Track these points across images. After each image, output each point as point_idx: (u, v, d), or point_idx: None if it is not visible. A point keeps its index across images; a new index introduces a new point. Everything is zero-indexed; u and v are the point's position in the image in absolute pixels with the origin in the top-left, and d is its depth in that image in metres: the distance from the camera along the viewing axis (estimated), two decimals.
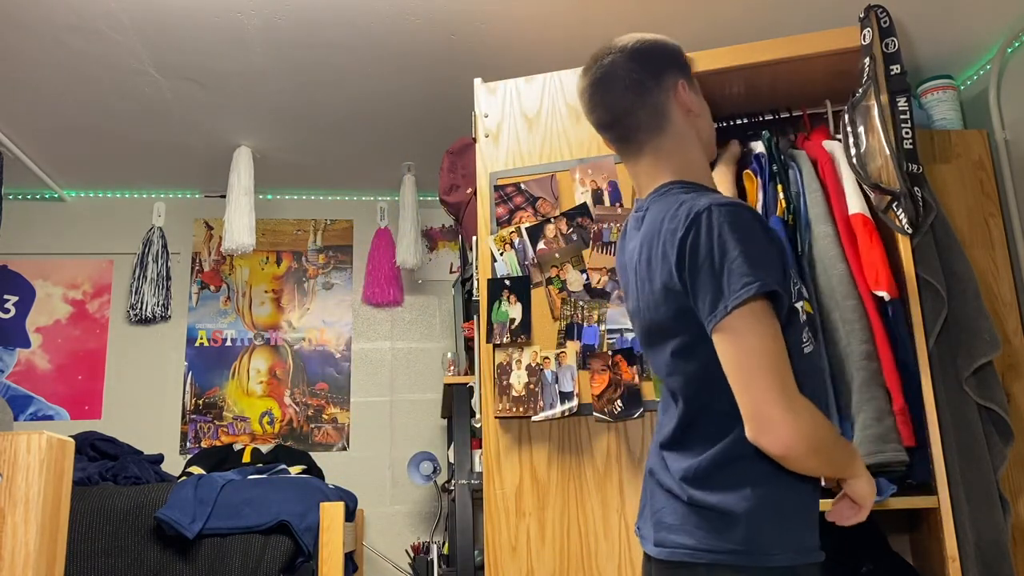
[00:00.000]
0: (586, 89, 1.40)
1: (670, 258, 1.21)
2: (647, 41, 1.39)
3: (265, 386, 3.58)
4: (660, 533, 1.25)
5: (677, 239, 1.20)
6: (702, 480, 1.21)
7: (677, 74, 1.38)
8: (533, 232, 2.13)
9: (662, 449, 1.32)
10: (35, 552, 1.07)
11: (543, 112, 2.24)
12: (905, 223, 1.95)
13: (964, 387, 1.89)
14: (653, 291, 1.26)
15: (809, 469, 1.17)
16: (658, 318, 1.26)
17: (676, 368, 1.26)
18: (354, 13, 2.45)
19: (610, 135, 1.41)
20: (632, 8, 2.46)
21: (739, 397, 1.14)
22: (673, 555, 1.21)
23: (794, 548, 1.18)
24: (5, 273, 3.58)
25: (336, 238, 3.80)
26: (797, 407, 1.11)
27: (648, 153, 1.36)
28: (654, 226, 1.27)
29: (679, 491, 1.23)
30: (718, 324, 1.15)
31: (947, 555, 1.78)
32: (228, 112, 3.03)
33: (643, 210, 1.36)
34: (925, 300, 1.93)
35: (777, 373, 1.12)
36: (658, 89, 1.35)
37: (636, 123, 1.35)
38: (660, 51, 1.39)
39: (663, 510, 1.26)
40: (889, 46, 2.06)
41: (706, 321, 1.17)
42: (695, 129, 1.38)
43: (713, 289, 1.15)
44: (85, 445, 2.86)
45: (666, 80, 1.36)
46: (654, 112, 1.35)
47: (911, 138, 2.03)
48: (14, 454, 1.10)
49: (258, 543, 2.38)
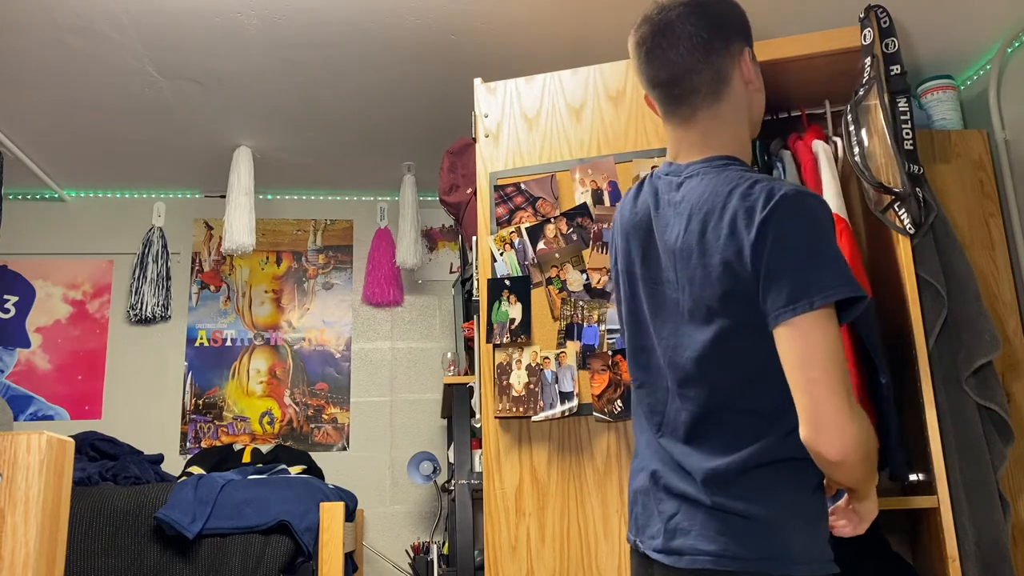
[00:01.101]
0: (644, 40, 1.27)
1: (743, 237, 1.11)
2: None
3: (265, 386, 3.58)
4: (677, 540, 1.18)
5: (757, 219, 1.10)
6: (730, 484, 1.14)
7: (744, 40, 1.27)
8: (533, 232, 2.13)
9: (672, 442, 1.23)
10: (35, 552, 1.07)
11: (543, 112, 2.24)
12: (907, 223, 1.95)
13: (964, 387, 1.90)
14: (707, 266, 1.16)
15: (852, 477, 1.13)
16: (706, 295, 1.16)
17: (712, 353, 1.17)
18: (354, 13, 2.45)
19: (662, 93, 1.28)
20: (632, 8, 2.46)
21: (800, 397, 1.08)
22: (694, 563, 1.14)
23: (816, 558, 1.14)
24: (5, 273, 3.58)
25: (336, 238, 3.80)
26: (857, 414, 1.08)
27: (701, 120, 1.26)
28: (715, 199, 1.16)
29: (698, 494, 1.16)
30: (792, 319, 1.07)
31: (947, 555, 1.78)
32: (228, 112, 3.03)
33: (681, 176, 1.26)
34: (925, 300, 1.93)
35: (843, 378, 1.07)
36: (726, 52, 1.24)
37: (695, 86, 1.24)
38: (731, 12, 1.27)
39: (677, 515, 1.19)
40: (889, 46, 2.06)
41: (775, 311, 1.09)
42: (750, 103, 1.28)
43: (797, 280, 1.07)
44: (85, 445, 2.86)
45: (734, 45, 1.25)
46: (716, 77, 1.24)
47: (911, 139, 2.03)
48: (14, 454, 1.10)
49: (258, 543, 2.38)
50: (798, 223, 1.09)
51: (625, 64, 2.22)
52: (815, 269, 1.07)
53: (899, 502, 1.98)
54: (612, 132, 2.19)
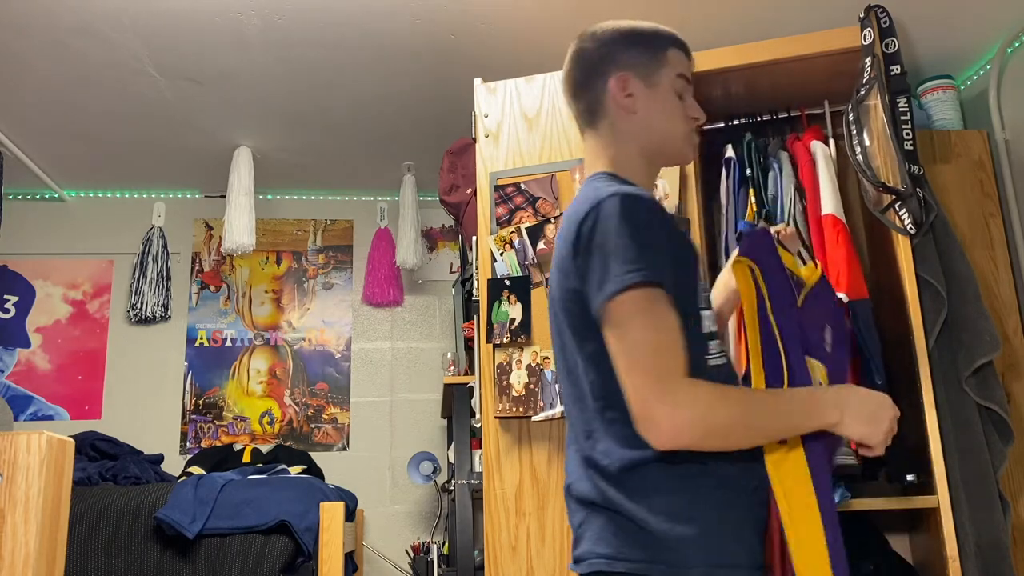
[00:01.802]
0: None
1: (570, 241, 1.19)
2: (598, 34, 1.36)
3: (265, 386, 3.58)
4: (579, 547, 1.18)
5: (577, 222, 1.17)
6: (619, 486, 1.14)
7: (619, 69, 1.31)
8: (533, 232, 2.13)
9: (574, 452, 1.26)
10: (35, 552, 1.07)
11: (543, 112, 2.24)
12: (908, 223, 1.95)
13: (964, 387, 1.89)
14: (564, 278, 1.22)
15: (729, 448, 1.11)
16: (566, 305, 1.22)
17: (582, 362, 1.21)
18: (354, 13, 2.45)
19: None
20: (632, 9, 2.46)
21: (623, 388, 1.10)
22: (591, 566, 1.14)
23: (713, 561, 1.10)
24: (5, 273, 3.58)
25: (336, 238, 3.80)
26: (677, 397, 1.05)
27: (588, 141, 1.36)
28: (567, 213, 1.25)
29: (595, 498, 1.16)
30: (599, 312, 1.12)
31: (947, 555, 1.78)
32: (228, 112, 3.03)
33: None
34: (925, 300, 1.93)
35: (654, 365, 1.07)
36: (597, 87, 1.32)
37: (576, 113, 1.38)
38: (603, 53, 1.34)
39: (583, 524, 1.19)
40: (889, 46, 2.06)
41: (592, 309, 1.14)
42: (640, 126, 1.31)
43: (600, 273, 1.12)
44: (85, 445, 2.86)
45: (602, 80, 1.32)
46: (590, 107, 1.34)
47: (911, 139, 2.03)
48: (14, 454, 1.10)
49: (258, 543, 2.38)
50: (608, 222, 1.14)
51: None
52: (613, 259, 1.11)
53: (899, 502, 1.98)
54: None
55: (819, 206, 2.05)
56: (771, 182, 2.17)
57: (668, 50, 1.34)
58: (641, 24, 1.37)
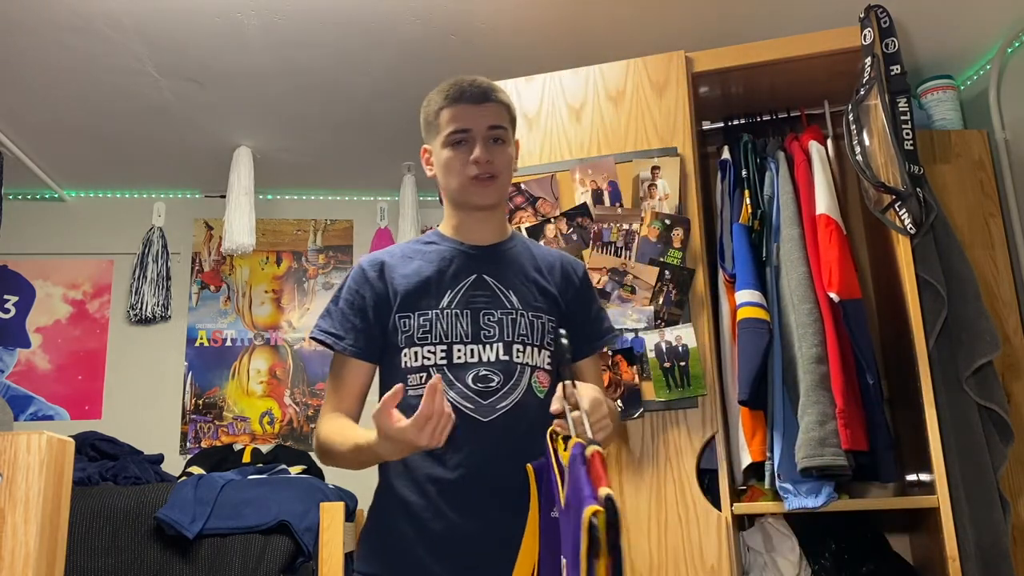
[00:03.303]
0: None
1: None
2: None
3: (265, 386, 3.58)
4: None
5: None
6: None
7: (424, 141, 1.56)
8: (533, 232, 2.13)
9: None
10: (35, 552, 1.07)
11: (543, 112, 2.24)
12: (908, 223, 1.95)
13: (964, 387, 1.89)
14: None
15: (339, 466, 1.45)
16: None
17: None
18: (354, 13, 2.45)
19: None
20: (632, 9, 2.46)
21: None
22: None
23: (358, 569, 1.43)
24: (5, 273, 3.58)
25: (336, 238, 3.80)
26: (320, 426, 1.46)
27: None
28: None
29: None
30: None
31: (947, 555, 1.78)
32: (228, 112, 3.03)
33: None
34: (925, 300, 1.93)
35: (327, 398, 1.48)
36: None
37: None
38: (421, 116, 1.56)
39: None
40: (889, 46, 2.06)
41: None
42: (441, 186, 1.51)
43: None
44: (85, 445, 2.86)
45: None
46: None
47: (911, 139, 2.03)
48: (14, 454, 1.10)
49: (258, 543, 2.37)
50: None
51: (625, 64, 2.22)
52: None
53: (899, 502, 1.98)
54: (612, 132, 2.18)
55: (813, 206, 2.05)
56: (767, 183, 2.17)
57: (440, 114, 1.50)
58: (430, 96, 1.56)
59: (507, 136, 1.48)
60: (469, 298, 1.42)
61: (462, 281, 1.43)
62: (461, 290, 1.42)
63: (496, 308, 1.41)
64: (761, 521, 2.07)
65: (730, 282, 2.08)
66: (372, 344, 1.43)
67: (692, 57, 2.20)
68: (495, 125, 1.45)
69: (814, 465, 1.79)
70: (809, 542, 2.05)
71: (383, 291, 1.43)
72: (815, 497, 1.85)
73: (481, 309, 1.41)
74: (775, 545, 2.02)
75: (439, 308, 1.41)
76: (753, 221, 2.12)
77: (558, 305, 1.48)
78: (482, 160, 1.43)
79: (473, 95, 1.46)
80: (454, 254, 1.47)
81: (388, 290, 1.43)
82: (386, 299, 1.43)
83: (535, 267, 1.49)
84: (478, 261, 1.46)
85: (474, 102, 1.46)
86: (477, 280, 1.43)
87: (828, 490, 1.85)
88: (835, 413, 1.82)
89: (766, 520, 2.06)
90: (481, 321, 1.40)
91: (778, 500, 1.91)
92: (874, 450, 1.89)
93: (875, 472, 1.93)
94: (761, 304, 1.98)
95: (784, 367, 1.96)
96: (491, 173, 1.44)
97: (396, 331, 1.41)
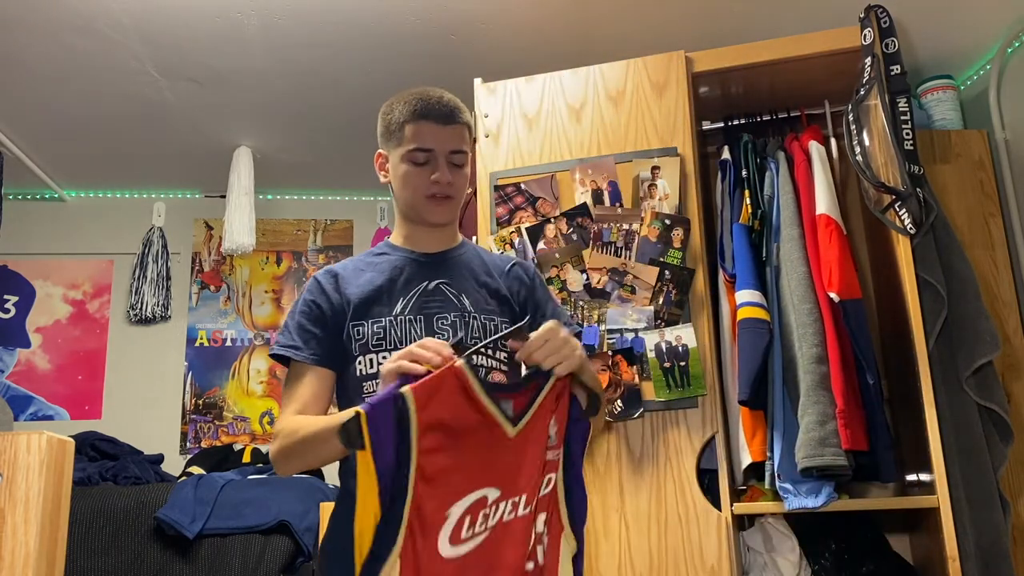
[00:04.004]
0: None
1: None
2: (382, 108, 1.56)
3: (265, 386, 3.58)
4: None
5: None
6: None
7: (380, 146, 1.56)
8: (533, 232, 2.13)
9: None
10: (35, 552, 1.07)
11: (543, 112, 2.24)
12: (908, 223, 1.95)
13: (964, 387, 1.89)
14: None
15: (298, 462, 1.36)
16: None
17: None
18: (354, 13, 2.45)
19: None
20: (631, 9, 2.46)
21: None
22: None
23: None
24: (5, 273, 3.58)
25: (336, 238, 3.80)
26: (277, 430, 1.35)
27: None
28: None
29: None
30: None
31: (947, 555, 1.78)
32: (228, 112, 3.03)
33: None
34: (925, 300, 1.93)
35: (285, 404, 1.41)
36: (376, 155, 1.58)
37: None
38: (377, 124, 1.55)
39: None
40: (889, 46, 2.06)
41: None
42: (395, 196, 1.54)
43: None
44: (85, 445, 2.86)
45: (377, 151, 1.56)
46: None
47: (911, 139, 2.03)
48: (14, 454, 1.10)
49: (258, 543, 2.38)
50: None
51: (625, 64, 2.22)
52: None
53: (899, 502, 1.98)
54: (612, 132, 2.18)
55: (813, 205, 2.05)
56: (768, 183, 2.17)
57: (404, 127, 1.48)
58: (393, 103, 1.52)
59: (466, 160, 1.50)
60: (422, 304, 1.43)
61: (414, 288, 1.45)
62: (414, 296, 1.44)
63: (450, 311, 1.43)
64: (761, 521, 2.07)
65: (730, 282, 2.08)
66: (333, 352, 1.42)
67: (692, 57, 2.20)
68: (456, 150, 1.47)
69: (814, 465, 1.79)
70: (809, 542, 2.05)
71: (339, 301, 1.44)
72: (815, 497, 1.85)
73: (435, 314, 1.42)
74: (775, 545, 2.02)
75: (392, 315, 1.42)
76: (753, 221, 2.12)
77: (511, 307, 1.49)
78: (443, 182, 1.45)
79: (440, 115, 1.46)
80: (405, 263, 1.48)
81: (342, 300, 1.44)
82: (341, 309, 1.43)
83: (486, 271, 1.51)
84: (429, 268, 1.48)
85: (440, 122, 1.46)
86: (429, 286, 1.45)
87: (828, 490, 1.85)
88: (835, 413, 1.82)
89: (766, 520, 2.06)
90: (435, 325, 1.41)
91: (778, 500, 1.91)
92: (874, 450, 1.89)
93: (875, 472, 1.93)
94: (761, 304, 1.98)
95: (784, 367, 1.96)
96: (448, 194, 1.47)
97: (351, 340, 1.41)
